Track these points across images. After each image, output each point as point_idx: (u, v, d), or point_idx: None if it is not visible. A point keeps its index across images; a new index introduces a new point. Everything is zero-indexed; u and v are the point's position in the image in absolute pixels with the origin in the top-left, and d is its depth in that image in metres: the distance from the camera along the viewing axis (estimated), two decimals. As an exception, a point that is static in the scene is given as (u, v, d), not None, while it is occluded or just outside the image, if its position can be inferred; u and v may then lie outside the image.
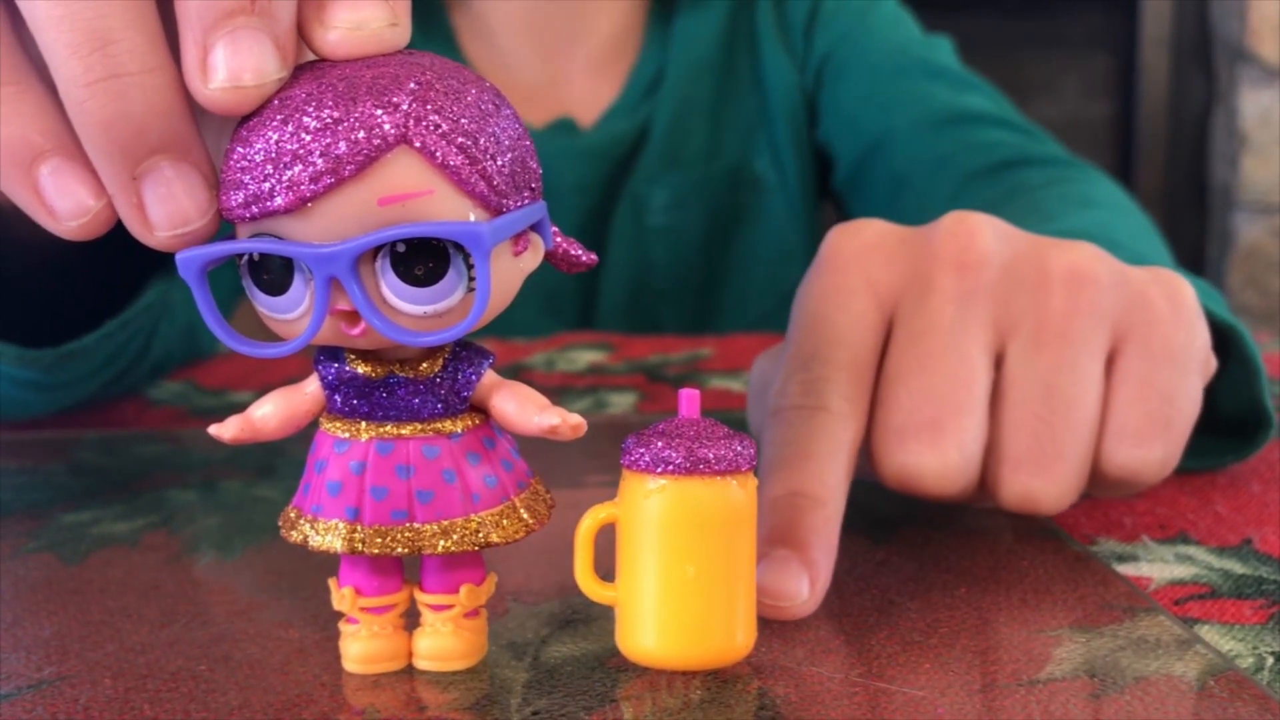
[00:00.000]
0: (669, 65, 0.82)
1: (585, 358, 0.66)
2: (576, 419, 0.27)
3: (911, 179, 0.77)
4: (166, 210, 0.25)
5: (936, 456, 0.34)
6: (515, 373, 0.63)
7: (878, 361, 0.35)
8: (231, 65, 0.24)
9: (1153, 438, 0.35)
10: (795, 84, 0.83)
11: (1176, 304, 0.36)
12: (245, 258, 0.26)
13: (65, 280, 0.44)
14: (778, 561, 0.30)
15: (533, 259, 0.27)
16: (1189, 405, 0.36)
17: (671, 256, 0.83)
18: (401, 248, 0.25)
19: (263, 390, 0.28)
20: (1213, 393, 0.42)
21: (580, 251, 0.29)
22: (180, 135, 0.25)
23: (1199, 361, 0.36)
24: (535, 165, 0.27)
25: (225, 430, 0.27)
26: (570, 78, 0.82)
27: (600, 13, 0.82)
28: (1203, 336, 0.37)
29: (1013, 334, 0.35)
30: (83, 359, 0.46)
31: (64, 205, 0.26)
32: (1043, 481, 0.34)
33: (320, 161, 0.24)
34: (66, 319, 0.45)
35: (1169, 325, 0.36)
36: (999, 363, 0.35)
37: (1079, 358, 0.35)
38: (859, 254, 0.36)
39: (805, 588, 0.30)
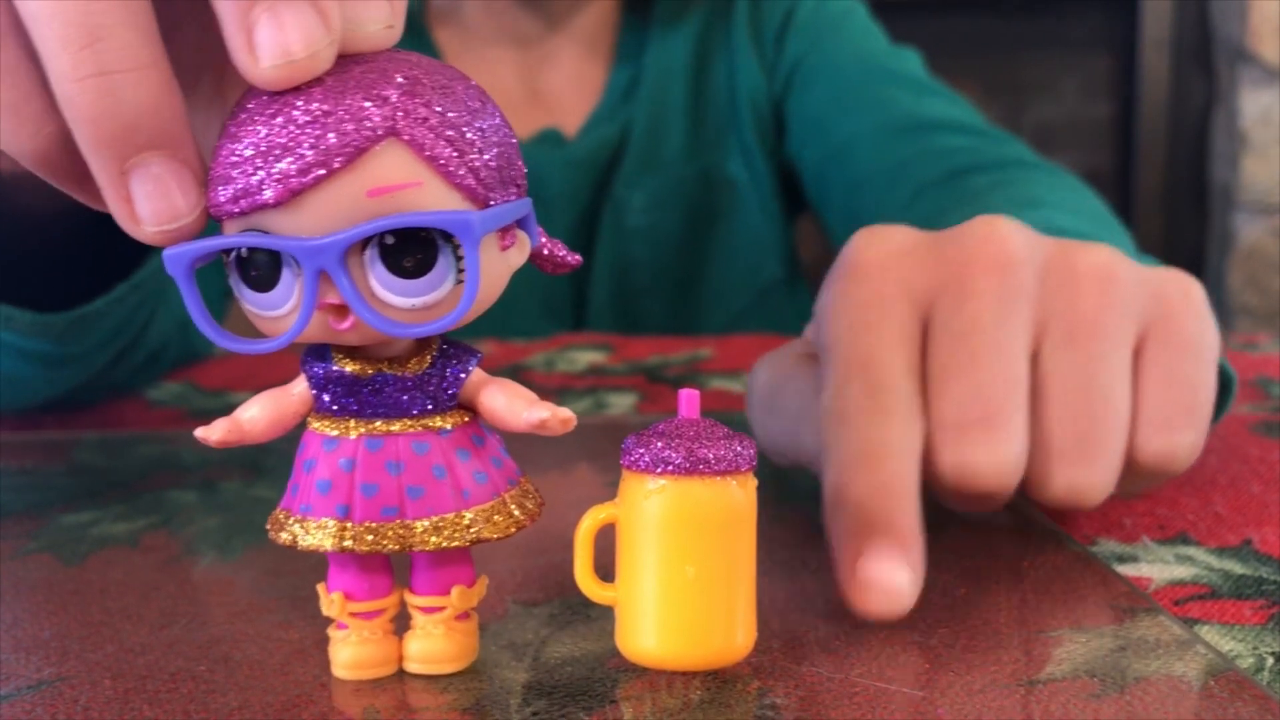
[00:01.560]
0: (645, 71, 0.84)
1: (585, 358, 0.66)
2: (566, 413, 0.27)
3: (869, 186, 0.78)
4: (154, 206, 0.25)
5: (992, 452, 0.34)
6: (515, 373, 0.63)
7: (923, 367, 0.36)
8: (279, 40, 0.24)
9: (1183, 425, 0.36)
10: (764, 90, 0.85)
11: (1190, 299, 0.38)
12: (233, 254, 0.25)
13: (71, 250, 0.44)
14: (881, 554, 0.30)
15: (519, 256, 0.27)
16: (1209, 392, 0.37)
17: (652, 255, 0.85)
18: (390, 239, 0.25)
19: (260, 390, 0.28)
20: None
21: (564, 252, 0.29)
22: (170, 132, 0.25)
23: (1213, 351, 0.38)
24: (520, 163, 0.27)
25: (212, 433, 0.27)
26: (553, 89, 0.85)
27: (578, 24, 0.84)
28: (1214, 329, 0.38)
29: (1047, 332, 0.36)
30: (94, 324, 0.46)
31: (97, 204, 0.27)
32: (1088, 472, 0.35)
33: (310, 154, 0.24)
34: (73, 291, 0.45)
35: (1186, 319, 0.37)
36: (1034, 361, 0.36)
37: (1112, 351, 0.36)
38: (890, 260, 0.37)
39: (908, 579, 0.30)
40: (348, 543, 0.26)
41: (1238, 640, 0.31)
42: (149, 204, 0.25)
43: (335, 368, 0.27)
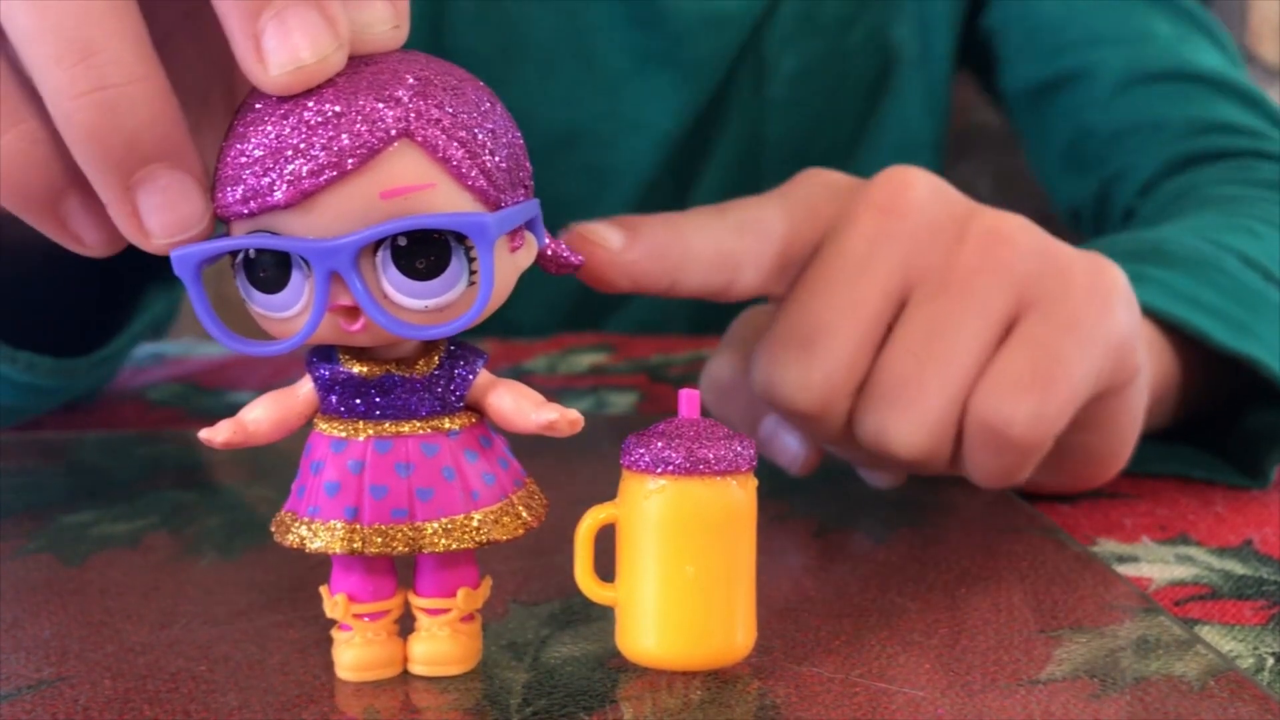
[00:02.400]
0: None
1: (586, 360, 0.66)
2: (574, 414, 0.27)
3: (1102, 135, 0.66)
4: (162, 219, 0.25)
5: (800, 371, 0.34)
6: (516, 374, 0.63)
7: (795, 267, 0.36)
8: (287, 46, 0.24)
9: (1026, 391, 0.34)
10: None
11: (1097, 282, 0.35)
12: (240, 255, 0.25)
13: (80, 288, 0.44)
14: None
15: (526, 257, 0.27)
16: (1078, 372, 0.34)
17: (789, 133, 0.74)
18: (403, 241, 0.25)
19: (262, 390, 0.28)
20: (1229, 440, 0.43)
21: (568, 253, 0.29)
22: (172, 142, 0.25)
23: (1104, 341, 0.35)
24: (527, 164, 0.27)
25: (217, 434, 0.26)
26: None
27: None
28: (1120, 320, 0.35)
29: (919, 284, 0.35)
30: (112, 361, 0.46)
31: (90, 237, 0.27)
32: (896, 416, 0.34)
33: (322, 155, 0.24)
34: (80, 324, 0.45)
35: (1080, 299, 0.35)
36: (900, 310, 0.35)
37: (973, 310, 0.34)
38: (815, 183, 0.37)
39: (618, 237, 0.32)
40: (357, 545, 0.26)
41: (1238, 640, 0.31)
42: (157, 217, 0.25)
43: (342, 369, 0.27)
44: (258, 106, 0.25)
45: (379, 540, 0.26)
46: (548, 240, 0.28)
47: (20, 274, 0.41)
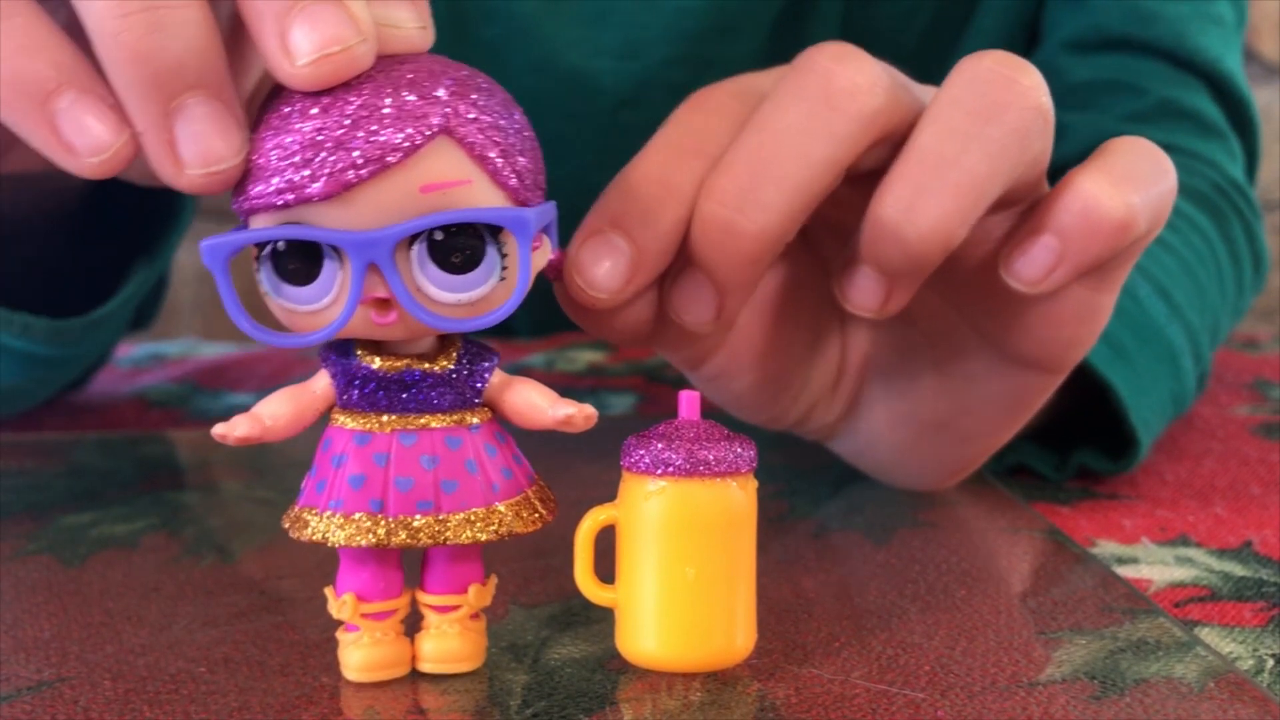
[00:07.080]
0: None
1: (584, 358, 0.66)
2: (590, 409, 0.27)
3: (1072, 82, 0.60)
4: (200, 148, 0.25)
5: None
6: (516, 370, 0.62)
7: None
8: (313, 38, 0.24)
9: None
10: None
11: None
12: (269, 247, 0.25)
13: (69, 256, 0.44)
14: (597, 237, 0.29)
15: (542, 258, 0.28)
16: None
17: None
18: (439, 235, 0.25)
19: (261, 391, 0.28)
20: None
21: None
22: (216, 72, 0.25)
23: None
24: (543, 168, 0.28)
25: (234, 430, 0.26)
26: None
27: None
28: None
29: None
30: (105, 325, 0.46)
31: (83, 141, 0.25)
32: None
33: (366, 149, 0.24)
34: (65, 296, 0.45)
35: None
36: None
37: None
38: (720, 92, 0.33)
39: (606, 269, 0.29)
40: (381, 537, 0.26)
41: (1238, 642, 0.31)
42: (195, 146, 0.25)
43: (363, 364, 0.27)
44: (295, 101, 0.25)
45: (404, 533, 0.26)
46: (555, 253, 0.29)
47: (10, 235, 0.41)
